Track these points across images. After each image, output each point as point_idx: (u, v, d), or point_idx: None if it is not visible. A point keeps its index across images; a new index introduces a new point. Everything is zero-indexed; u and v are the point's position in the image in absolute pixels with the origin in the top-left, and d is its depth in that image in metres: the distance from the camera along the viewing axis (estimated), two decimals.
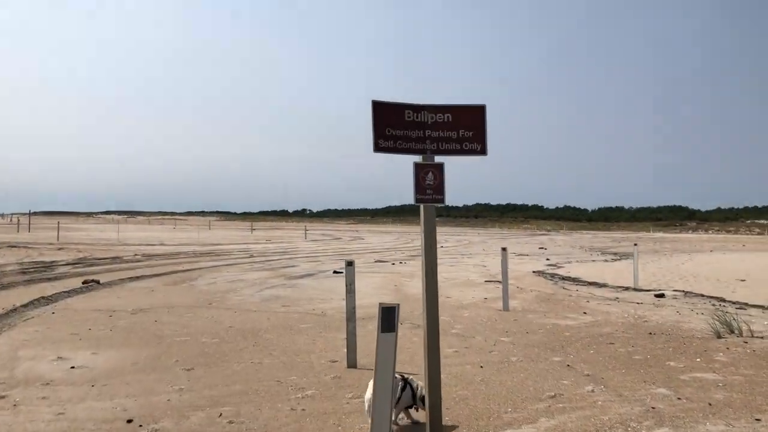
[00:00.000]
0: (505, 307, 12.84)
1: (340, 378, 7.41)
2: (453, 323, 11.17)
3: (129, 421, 5.80)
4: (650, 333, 9.99)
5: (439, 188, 5.58)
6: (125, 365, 7.94)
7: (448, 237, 65.97)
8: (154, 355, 8.56)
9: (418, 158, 5.62)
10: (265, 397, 6.59)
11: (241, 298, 14.67)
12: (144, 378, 7.34)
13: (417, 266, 24.22)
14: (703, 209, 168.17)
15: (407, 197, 5.59)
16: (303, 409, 6.17)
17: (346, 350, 8.12)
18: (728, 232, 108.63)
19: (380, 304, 4.80)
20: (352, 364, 8.00)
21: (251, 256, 29.60)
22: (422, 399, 5.69)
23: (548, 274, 21.79)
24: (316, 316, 12.05)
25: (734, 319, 9.75)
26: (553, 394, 6.60)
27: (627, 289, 16.59)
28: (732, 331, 9.56)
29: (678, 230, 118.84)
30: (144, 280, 17.96)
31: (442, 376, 7.39)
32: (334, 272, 21.04)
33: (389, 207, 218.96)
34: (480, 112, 5.79)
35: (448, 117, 5.72)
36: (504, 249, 13.23)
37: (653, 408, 6.06)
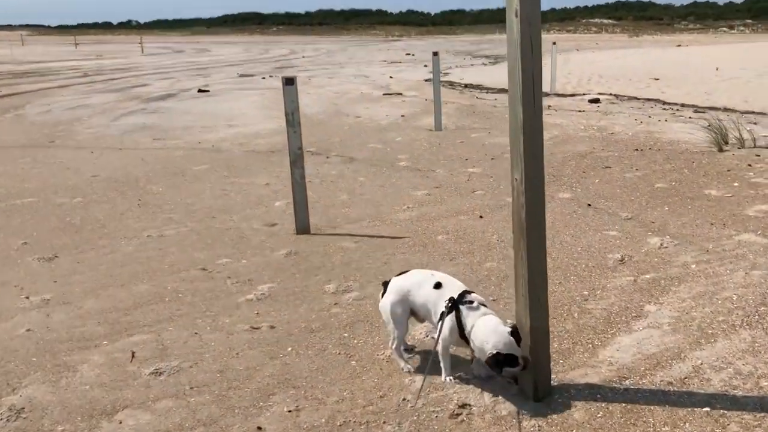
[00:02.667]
0: (438, 127, 10.59)
1: (296, 254, 4.93)
2: (393, 153, 8.80)
3: None
4: (637, 149, 8.24)
5: None
6: None
7: (303, 47, 61.38)
8: None
9: None
10: (193, 307, 3.99)
11: (94, 130, 11.25)
12: None
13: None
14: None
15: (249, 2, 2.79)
16: (270, 327, 3.70)
17: (293, 210, 5.56)
18: (568, 31, 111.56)
19: None
20: (303, 228, 5.51)
21: (86, 75, 24.70)
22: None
23: (445, 82, 19.62)
24: (209, 152, 9.17)
25: (727, 127, 8.15)
26: (619, 257, 4.59)
27: (548, 95, 14.86)
28: (727, 142, 8.02)
29: None
30: None
31: (438, 237, 5.16)
32: (199, 91, 17.51)
33: (227, 15, 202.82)
34: None
35: None
36: (435, 54, 10.68)
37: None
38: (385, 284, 3.21)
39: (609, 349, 3.25)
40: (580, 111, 11.93)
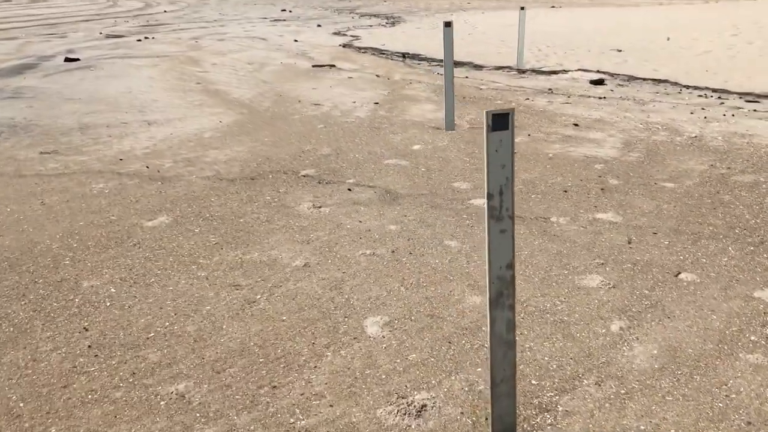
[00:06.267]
0: (450, 125, 7.87)
1: None
2: (437, 178, 6.00)
3: None
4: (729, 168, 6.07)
5: None
6: None
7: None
8: None
9: None
10: None
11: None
12: None
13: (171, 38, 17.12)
14: None
15: None
16: None
17: None
18: None
19: None
20: None
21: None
22: None
23: (371, 49, 16.68)
24: (149, 182, 5.92)
25: None
26: None
27: (524, 72, 12.48)
28: None
29: None
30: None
31: None
32: (67, 60, 13.31)
33: None
34: None
35: None
36: (448, 24, 7.80)
37: None
38: None
39: None
40: (600, 98, 9.65)
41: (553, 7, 46.45)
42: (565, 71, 12.18)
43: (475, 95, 9.99)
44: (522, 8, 12.85)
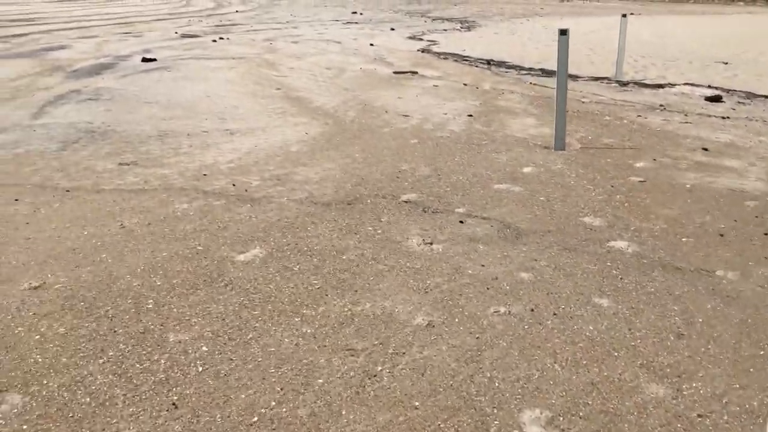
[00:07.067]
0: (560, 144, 7.05)
1: None
2: (562, 210, 5.20)
3: None
4: None
5: None
6: None
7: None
8: None
9: None
10: None
11: (6, 137, 6.98)
12: None
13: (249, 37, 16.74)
14: None
15: None
16: None
17: None
18: None
19: None
20: None
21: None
22: None
23: (452, 55, 15.93)
24: (237, 202, 5.32)
25: None
26: None
27: (627, 85, 11.52)
28: None
29: None
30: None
31: None
32: (144, 60, 13.03)
33: None
34: None
35: None
36: (564, 32, 6.98)
37: None
38: None
39: None
40: (723, 118, 8.65)
41: (631, 14, 44.60)
42: (671, 85, 11.15)
43: (578, 109, 9.11)
44: (624, 15, 11.88)
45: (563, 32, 6.95)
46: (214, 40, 17.63)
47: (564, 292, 3.80)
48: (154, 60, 13.08)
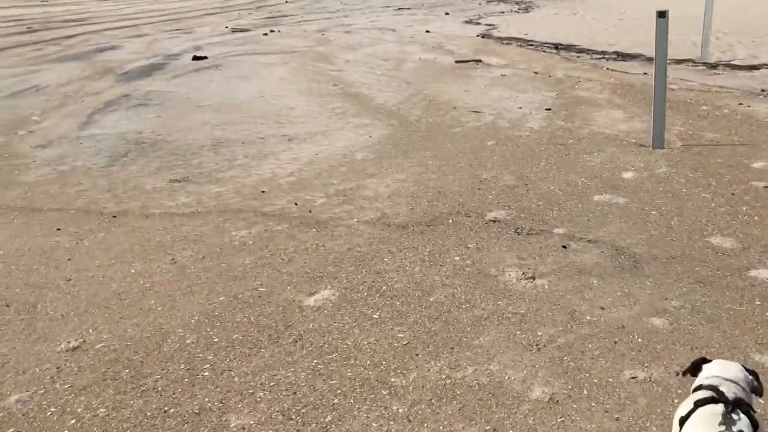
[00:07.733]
0: (659, 142, 6.19)
1: None
2: (681, 237, 4.39)
3: None
4: None
5: None
6: None
7: None
8: None
9: None
10: None
11: (52, 152, 6.57)
12: None
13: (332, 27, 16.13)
14: None
15: None
16: None
17: None
18: None
19: None
20: None
21: (31, 30, 19.19)
22: None
23: (515, 39, 14.99)
24: (302, 228, 4.70)
25: None
26: None
27: (716, 67, 10.45)
28: None
29: None
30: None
31: None
32: (195, 58, 12.57)
33: None
34: None
35: None
36: (662, 14, 6.10)
37: None
38: None
39: None
40: None
41: None
42: (758, 67, 10.03)
43: (669, 98, 8.12)
44: None
45: (661, 14, 6.06)
46: (265, 34, 17.10)
47: (712, 347, 3.03)
48: (205, 58, 12.61)
